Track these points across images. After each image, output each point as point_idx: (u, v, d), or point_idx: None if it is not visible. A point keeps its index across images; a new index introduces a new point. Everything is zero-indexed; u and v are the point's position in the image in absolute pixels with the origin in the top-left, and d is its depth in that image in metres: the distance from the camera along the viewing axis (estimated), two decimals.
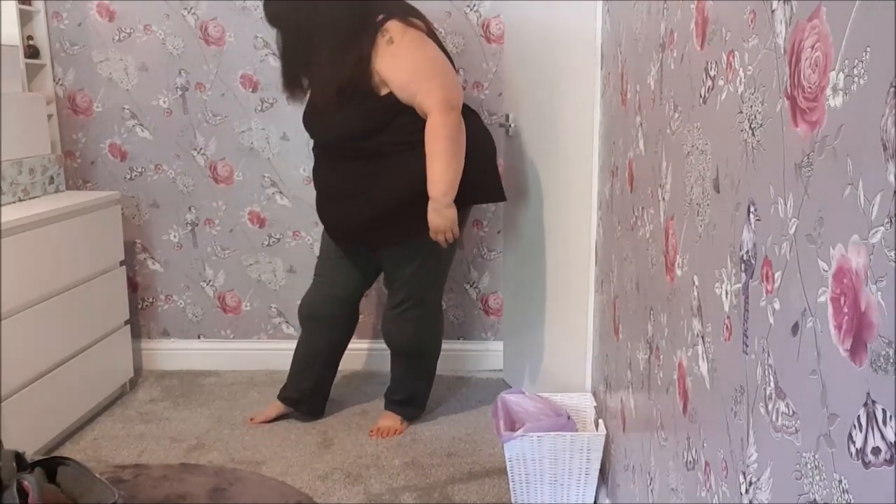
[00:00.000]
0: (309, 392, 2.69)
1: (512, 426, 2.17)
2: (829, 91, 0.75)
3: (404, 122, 2.32)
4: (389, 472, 2.37)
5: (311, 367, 2.68)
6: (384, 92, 2.30)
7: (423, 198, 2.33)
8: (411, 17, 2.35)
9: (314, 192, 2.57)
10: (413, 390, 2.67)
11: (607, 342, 2.09)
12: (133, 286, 3.17)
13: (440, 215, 2.32)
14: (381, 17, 2.30)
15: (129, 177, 3.10)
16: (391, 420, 2.65)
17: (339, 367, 3.16)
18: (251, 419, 2.70)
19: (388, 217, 2.38)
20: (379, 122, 2.32)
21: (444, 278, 2.59)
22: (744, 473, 1.00)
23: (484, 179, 2.46)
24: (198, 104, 3.03)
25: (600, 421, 2.13)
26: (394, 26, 2.29)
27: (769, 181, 0.91)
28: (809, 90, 0.80)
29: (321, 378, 2.70)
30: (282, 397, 2.71)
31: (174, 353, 3.21)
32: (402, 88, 2.28)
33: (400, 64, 2.27)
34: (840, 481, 0.73)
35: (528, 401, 2.24)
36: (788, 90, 0.85)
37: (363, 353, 3.04)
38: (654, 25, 1.50)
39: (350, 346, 3.11)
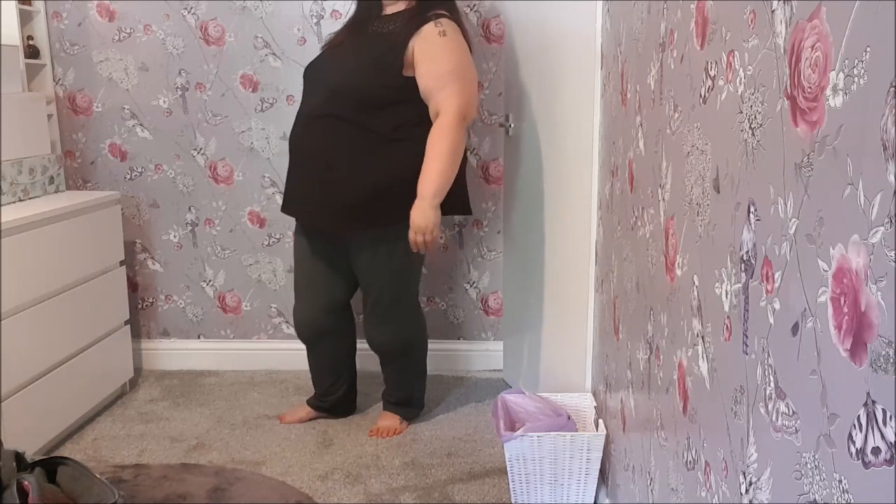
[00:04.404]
0: (340, 399, 2.73)
1: (512, 426, 2.17)
2: (829, 91, 0.75)
3: (402, 113, 2.33)
4: (389, 472, 2.37)
5: (336, 378, 2.70)
6: (405, 73, 2.33)
7: (403, 188, 2.33)
8: (465, 31, 2.42)
9: None
10: (408, 391, 2.67)
11: (607, 342, 2.09)
12: (133, 286, 3.17)
13: (424, 214, 2.30)
14: (441, 11, 2.36)
15: (129, 177, 3.10)
16: (390, 420, 2.65)
17: None
18: (280, 418, 2.71)
19: (380, 197, 2.34)
20: (387, 90, 2.32)
21: (417, 276, 2.57)
22: (744, 473, 1.00)
23: (455, 191, 2.43)
24: (198, 104, 3.03)
25: (600, 421, 2.13)
26: (449, 24, 2.35)
27: (769, 181, 0.91)
28: (809, 90, 0.80)
29: (348, 384, 2.73)
30: (314, 405, 2.72)
31: (174, 353, 3.21)
32: (433, 78, 2.30)
33: (442, 56, 2.31)
34: (840, 481, 0.73)
35: (527, 401, 2.23)
36: (788, 90, 0.85)
37: (362, 353, 3.03)
38: (654, 25, 1.50)
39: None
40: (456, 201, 2.45)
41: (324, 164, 2.36)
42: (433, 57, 2.30)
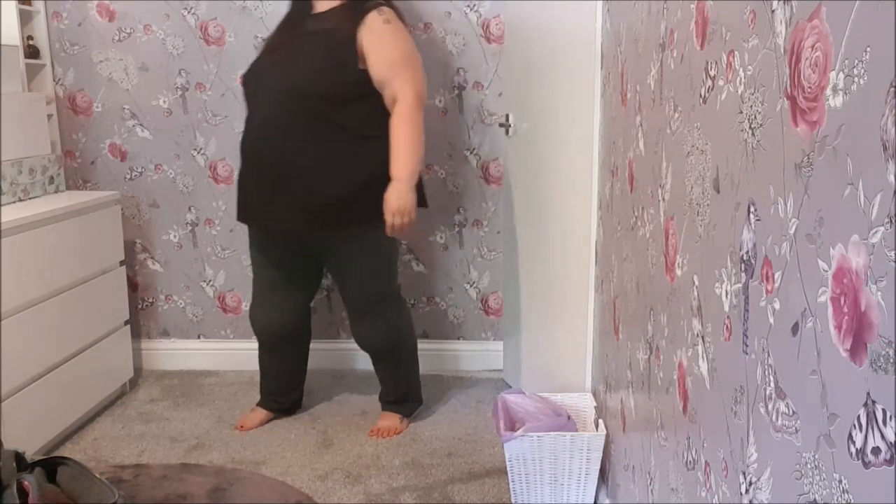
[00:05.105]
0: (298, 397, 2.77)
1: (512, 426, 2.17)
2: (829, 91, 0.75)
3: (367, 108, 2.34)
4: (389, 472, 2.36)
5: (296, 378, 2.73)
6: (361, 66, 2.34)
7: (378, 184, 2.34)
8: (402, 18, 2.45)
9: None
10: (404, 386, 2.67)
11: (607, 342, 2.09)
12: (133, 286, 3.17)
13: (401, 197, 2.31)
14: (379, 0, 2.39)
15: (129, 177, 3.10)
16: (390, 420, 2.65)
17: (337, 368, 3.17)
18: (241, 427, 2.66)
19: (356, 196, 2.35)
20: (347, 84, 2.32)
21: (395, 270, 2.58)
22: (744, 473, 1.00)
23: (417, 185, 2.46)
24: (198, 104, 3.03)
25: (600, 421, 2.13)
26: (390, 12, 2.39)
27: (769, 181, 0.91)
28: (809, 90, 0.80)
29: (302, 382, 2.77)
30: (271, 408, 2.71)
31: (174, 353, 3.21)
32: (385, 66, 2.32)
33: (391, 43, 2.34)
34: (840, 481, 0.73)
35: (527, 401, 2.23)
36: (788, 90, 0.85)
37: (362, 353, 3.04)
38: (654, 25, 1.50)
39: (349, 346, 3.11)
40: (419, 195, 2.49)
41: (292, 169, 2.34)
42: (382, 46, 2.33)
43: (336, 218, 2.37)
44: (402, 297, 2.64)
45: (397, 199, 2.31)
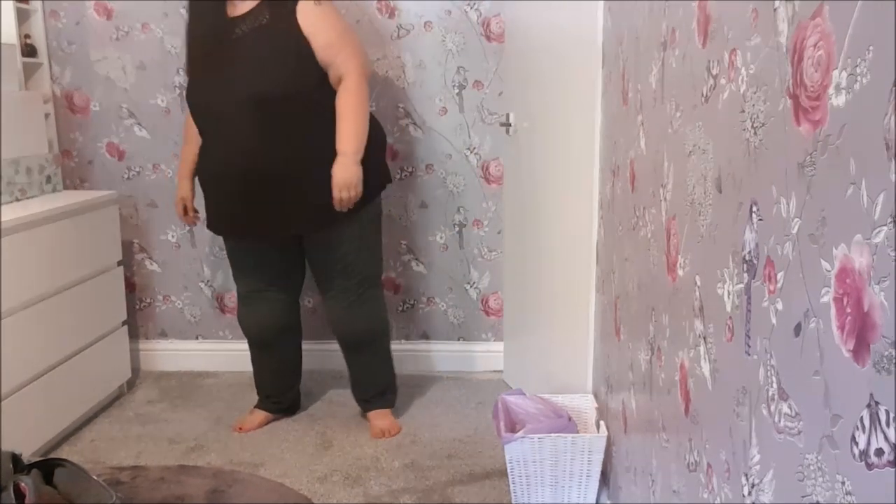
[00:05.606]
0: (296, 395, 2.77)
1: (512, 427, 2.17)
2: (831, 90, 0.74)
3: (325, 97, 2.35)
4: (389, 473, 2.36)
5: (294, 380, 2.74)
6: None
7: (366, 167, 2.37)
8: None
9: None
10: (386, 376, 2.68)
11: (608, 343, 2.08)
12: (131, 286, 3.16)
13: (346, 170, 2.33)
14: None
15: (126, 176, 3.09)
16: (384, 417, 2.64)
17: (336, 369, 3.16)
18: (239, 428, 2.65)
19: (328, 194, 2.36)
20: (311, 77, 2.32)
21: (380, 254, 2.59)
22: (746, 475, 1.00)
23: (384, 165, 2.54)
24: None
25: (601, 422, 2.12)
26: None
27: (771, 181, 0.90)
28: (812, 89, 0.79)
29: (298, 380, 2.77)
30: (271, 409, 2.71)
31: (172, 354, 3.21)
32: (326, 48, 2.32)
33: (327, 24, 2.35)
34: (843, 483, 0.73)
35: (528, 402, 2.23)
36: (791, 89, 0.85)
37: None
38: (655, 24, 1.49)
39: None
40: (386, 173, 2.54)
41: (278, 177, 2.33)
42: (320, 28, 2.33)
43: (328, 214, 2.38)
44: (381, 285, 2.65)
45: (342, 172, 2.33)
